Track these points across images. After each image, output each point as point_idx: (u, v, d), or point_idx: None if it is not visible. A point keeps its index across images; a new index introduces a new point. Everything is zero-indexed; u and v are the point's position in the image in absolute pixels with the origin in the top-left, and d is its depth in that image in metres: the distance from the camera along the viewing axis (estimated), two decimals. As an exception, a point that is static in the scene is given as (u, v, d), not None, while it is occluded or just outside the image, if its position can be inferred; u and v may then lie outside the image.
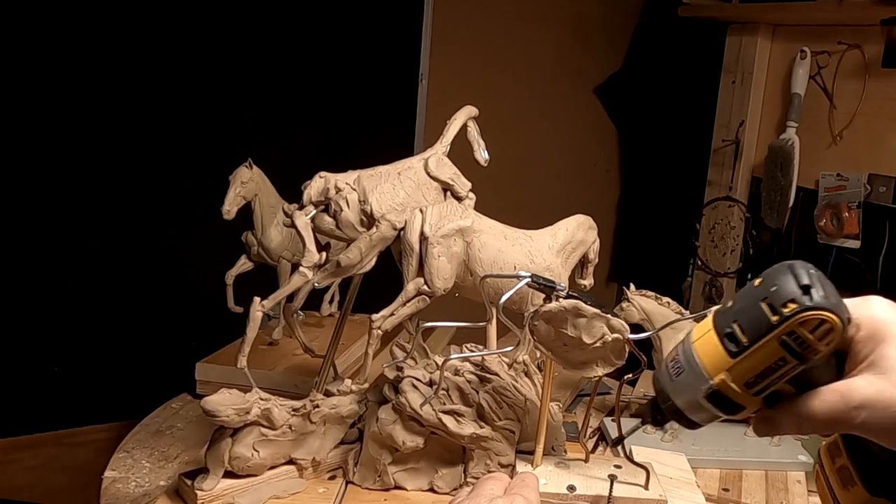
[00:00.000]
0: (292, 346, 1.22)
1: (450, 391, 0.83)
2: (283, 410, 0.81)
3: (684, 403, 0.60)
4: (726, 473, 1.00)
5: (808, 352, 0.54)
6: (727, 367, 0.57)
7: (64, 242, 1.57)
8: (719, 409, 0.58)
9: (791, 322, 0.54)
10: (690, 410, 0.60)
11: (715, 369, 0.57)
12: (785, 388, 0.57)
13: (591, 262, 0.97)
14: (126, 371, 1.64)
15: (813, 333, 0.54)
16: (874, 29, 1.61)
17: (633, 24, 2.30)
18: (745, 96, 1.89)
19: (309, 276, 0.84)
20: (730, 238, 1.96)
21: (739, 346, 0.56)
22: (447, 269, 0.84)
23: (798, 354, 0.54)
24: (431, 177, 0.90)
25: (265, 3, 1.68)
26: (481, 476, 0.82)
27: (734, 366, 0.56)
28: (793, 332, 0.54)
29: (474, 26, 2.01)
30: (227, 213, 1.10)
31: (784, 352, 0.54)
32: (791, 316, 0.53)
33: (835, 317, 0.53)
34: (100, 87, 1.55)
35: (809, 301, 0.53)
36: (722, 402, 0.58)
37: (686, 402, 0.60)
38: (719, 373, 0.57)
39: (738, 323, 0.57)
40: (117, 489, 0.89)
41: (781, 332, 0.54)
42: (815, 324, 0.53)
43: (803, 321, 0.53)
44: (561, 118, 2.23)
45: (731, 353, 0.57)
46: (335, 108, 1.79)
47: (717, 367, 0.57)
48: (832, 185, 1.69)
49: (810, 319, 0.53)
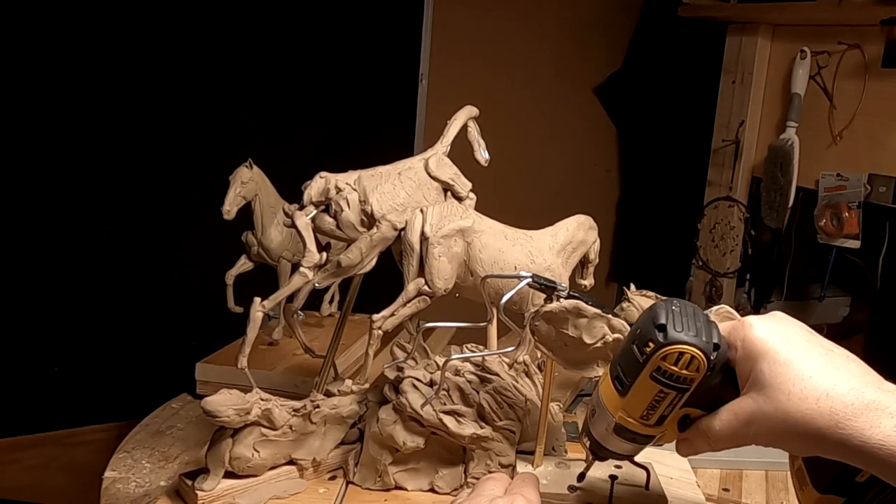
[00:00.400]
0: (292, 346, 1.22)
1: (450, 391, 0.83)
2: (283, 411, 0.81)
3: (602, 439, 0.67)
4: (726, 473, 1.00)
5: (680, 381, 0.60)
6: (621, 406, 0.63)
7: (64, 242, 1.57)
8: (630, 441, 0.65)
9: (654, 359, 0.60)
10: (609, 444, 0.67)
11: (613, 408, 0.64)
12: (693, 411, 0.63)
13: (591, 262, 0.97)
14: (126, 371, 1.64)
15: (676, 365, 0.59)
16: (874, 29, 1.61)
17: (632, 24, 2.30)
18: (745, 96, 1.89)
19: (309, 276, 0.84)
20: (730, 238, 1.96)
21: (624, 386, 0.63)
22: (448, 269, 0.84)
23: (672, 386, 0.60)
24: (432, 177, 0.90)
25: (265, 3, 1.68)
26: (482, 476, 0.82)
27: (625, 404, 0.63)
28: (659, 368, 0.60)
29: (474, 26, 2.01)
30: (227, 213, 1.10)
31: (659, 385, 0.61)
32: (651, 354, 0.60)
33: (690, 347, 0.59)
34: (99, 88, 1.55)
35: (664, 338, 0.59)
36: (628, 435, 0.65)
37: (602, 437, 0.67)
38: (617, 410, 0.64)
39: (619, 365, 0.64)
40: (118, 489, 0.89)
41: (650, 370, 0.60)
42: (675, 357, 0.59)
43: (664, 356, 0.60)
44: (561, 118, 2.23)
45: (620, 393, 0.63)
46: (335, 108, 1.79)
47: (614, 406, 0.64)
48: (832, 185, 1.69)
49: (669, 354, 0.59)
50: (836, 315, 1.98)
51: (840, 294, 1.99)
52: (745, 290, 1.97)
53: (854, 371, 0.57)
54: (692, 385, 0.60)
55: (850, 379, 0.56)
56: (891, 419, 0.53)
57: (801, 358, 0.57)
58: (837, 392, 0.55)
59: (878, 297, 1.87)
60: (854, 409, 0.54)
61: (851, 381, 0.55)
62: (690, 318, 0.60)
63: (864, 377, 0.56)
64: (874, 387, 0.55)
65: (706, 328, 0.60)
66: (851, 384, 0.55)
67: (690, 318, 0.60)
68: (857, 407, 0.54)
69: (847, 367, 0.57)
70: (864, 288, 1.90)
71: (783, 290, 1.94)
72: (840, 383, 0.55)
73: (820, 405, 0.55)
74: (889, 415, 0.53)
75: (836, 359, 0.58)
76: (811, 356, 0.57)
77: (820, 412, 0.55)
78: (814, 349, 0.58)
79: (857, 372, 0.57)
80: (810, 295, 1.95)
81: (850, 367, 0.57)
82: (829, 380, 0.56)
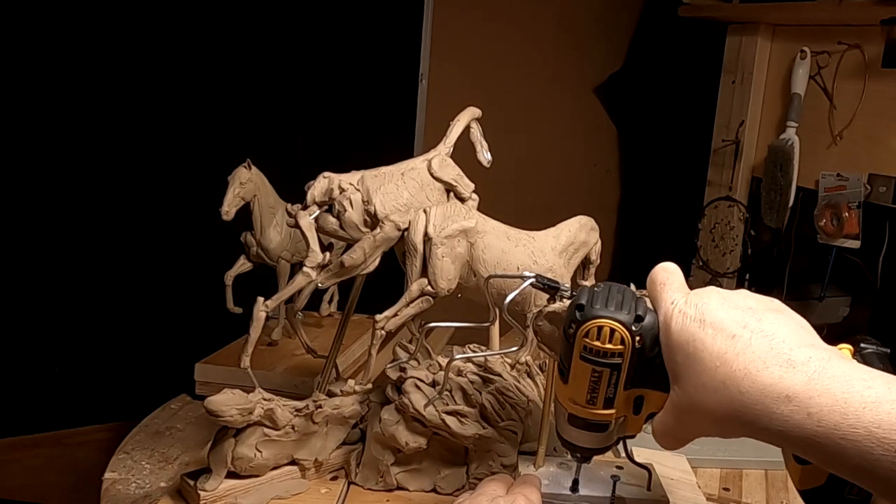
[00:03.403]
0: (292, 346, 1.22)
1: (453, 392, 0.84)
2: (286, 411, 0.81)
3: (566, 435, 0.67)
4: (726, 473, 1.00)
5: (608, 357, 0.60)
6: (568, 394, 0.64)
7: (64, 242, 1.57)
8: (584, 430, 0.65)
9: (578, 339, 0.60)
10: (574, 439, 0.67)
11: (563, 397, 0.65)
12: (646, 392, 0.62)
13: (592, 263, 0.97)
14: (125, 371, 1.64)
15: (599, 340, 0.60)
16: (874, 29, 1.61)
17: (633, 24, 2.30)
18: (745, 96, 1.89)
19: (313, 276, 0.83)
20: (730, 238, 1.96)
21: (564, 374, 0.63)
22: (451, 269, 0.84)
23: (602, 363, 0.60)
24: (435, 177, 0.90)
25: (265, 4, 1.68)
26: (484, 477, 0.82)
27: (570, 391, 0.63)
28: (585, 346, 0.60)
29: (474, 26, 2.01)
30: (226, 213, 1.10)
31: (590, 365, 0.61)
32: (574, 334, 0.60)
33: (608, 320, 0.59)
34: (99, 88, 1.55)
35: (581, 316, 0.60)
36: (583, 423, 0.65)
37: (565, 433, 0.67)
38: (566, 399, 0.64)
39: (560, 356, 0.64)
40: (118, 490, 0.89)
41: (578, 350, 0.61)
42: (595, 332, 0.59)
43: (586, 333, 0.60)
44: (561, 118, 2.23)
45: (563, 381, 0.64)
46: (335, 108, 1.79)
47: (563, 396, 0.65)
48: (832, 185, 1.69)
49: (590, 330, 0.60)
50: (836, 315, 1.98)
51: (840, 294, 1.98)
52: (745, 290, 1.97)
53: (759, 348, 0.53)
54: (623, 359, 0.60)
55: (748, 362, 0.53)
56: (787, 404, 0.51)
57: (707, 344, 0.55)
58: (733, 380, 0.53)
59: (878, 297, 1.87)
60: (749, 396, 0.52)
61: (749, 364, 0.53)
62: (612, 296, 0.60)
63: (767, 355, 0.53)
64: (777, 364, 0.52)
65: (629, 302, 0.60)
66: (749, 367, 0.53)
67: (612, 296, 0.60)
68: (752, 394, 0.52)
69: (750, 347, 0.53)
70: (864, 288, 1.90)
71: (783, 290, 1.94)
72: (738, 369, 0.53)
73: (720, 395, 0.54)
74: (785, 398, 0.51)
75: (743, 336, 0.54)
76: (717, 340, 0.55)
77: (722, 402, 0.54)
78: (724, 330, 0.55)
79: (762, 349, 0.53)
80: (810, 295, 1.95)
81: (754, 344, 0.54)
82: (728, 367, 0.53)
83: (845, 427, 0.49)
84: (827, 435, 0.49)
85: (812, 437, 0.50)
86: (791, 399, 0.51)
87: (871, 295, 1.88)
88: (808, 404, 0.50)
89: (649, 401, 0.62)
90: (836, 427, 0.49)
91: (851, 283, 1.93)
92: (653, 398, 0.62)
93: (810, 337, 0.55)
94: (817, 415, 0.50)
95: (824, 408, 0.50)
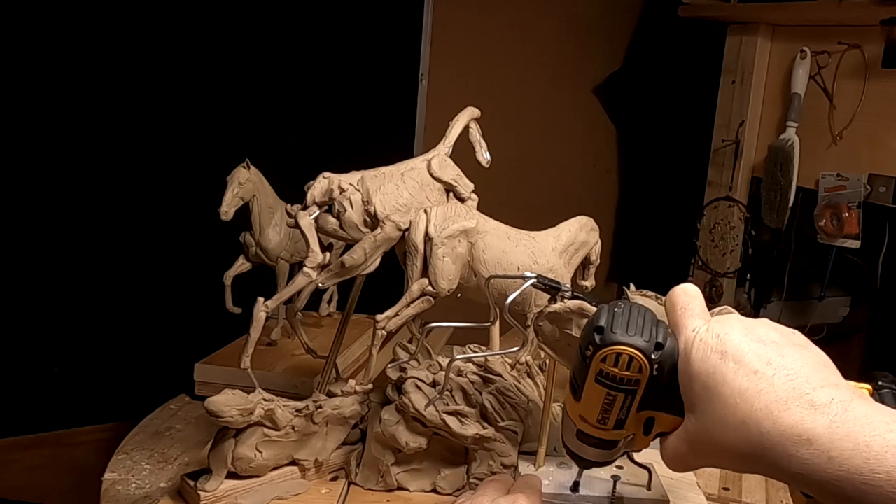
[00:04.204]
0: (291, 346, 1.22)
1: (453, 392, 0.84)
2: (286, 411, 0.81)
3: (573, 447, 0.66)
4: (726, 473, 1.00)
5: (624, 383, 0.59)
6: (579, 412, 0.62)
7: (64, 242, 1.57)
8: (593, 447, 0.64)
9: (594, 362, 0.59)
10: (578, 450, 0.66)
11: (573, 414, 0.63)
12: (658, 414, 0.61)
13: (592, 263, 0.97)
14: (125, 371, 1.64)
15: (616, 367, 0.58)
16: (874, 29, 1.61)
17: (632, 24, 2.30)
18: (745, 96, 1.89)
19: (313, 276, 0.83)
20: (730, 238, 1.96)
21: (577, 392, 0.62)
22: (451, 269, 0.84)
23: (617, 388, 0.59)
24: (434, 178, 0.89)
25: (265, 4, 1.68)
26: (484, 477, 0.82)
27: (581, 409, 0.62)
28: (601, 370, 0.59)
29: (474, 26, 2.01)
30: (225, 213, 1.10)
31: (605, 388, 0.59)
32: (591, 357, 0.59)
33: (628, 348, 0.57)
34: (99, 88, 1.55)
35: (600, 340, 0.58)
36: (591, 441, 0.64)
37: (572, 445, 0.66)
38: (576, 416, 0.63)
39: (573, 371, 0.63)
40: (117, 491, 0.89)
41: (593, 373, 0.59)
42: (614, 358, 0.58)
43: (603, 358, 0.58)
44: (561, 118, 2.23)
45: (575, 398, 0.62)
46: (335, 108, 1.79)
47: (574, 412, 0.63)
48: (832, 185, 1.69)
49: (608, 355, 0.58)
50: (836, 315, 1.98)
51: (840, 294, 1.99)
52: (746, 290, 1.98)
53: (781, 387, 0.52)
54: (639, 386, 0.59)
55: (770, 402, 0.52)
56: (807, 448, 0.50)
57: (728, 379, 0.54)
58: (754, 419, 0.52)
59: (878, 297, 1.88)
60: (770, 437, 0.51)
61: (771, 404, 0.52)
62: (633, 319, 0.58)
63: (789, 395, 0.52)
64: (799, 406, 0.51)
65: (650, 328, 0.58)
66: (771, 407, 0.52)
67: (633, 319, 0.58)
68: (772, 436, 0.51)
69: (773, 386, 0.52)
70: (864, 288, 1.91)
71: (783, 290, 1.94)
72: (759, 408, 0.52)
73: (739, 433, 0.53)
74: (806, 441, 0.50)
75: (767, 374, 0.53)
76: (738, 376, 0.54)
77: (741, 440, 0.53)
78: (744, 366, 0.54)
79: (783, 389, 0.52)
80: (810, 295, 1.96)
81: (777, 383, 0.53)
82: (748, 405, 0.52)
83: (867, 472, 0.48)
84: (848, 479, 0.48)
85: (833, 482, 0.49)
86: (812, 442, 0.50)
87: (871, 295, 1.89)
88: (830, 448, 0.49)
89: (660, 422, 0.62)
90: (858, 471, 0.48)
91: (851, 283, 1.94)
92: (664, 420, 0.61)
93: (832, 375, 0.54)
94: (838, 459, 0.49)
95: (846, 451, 0.49)
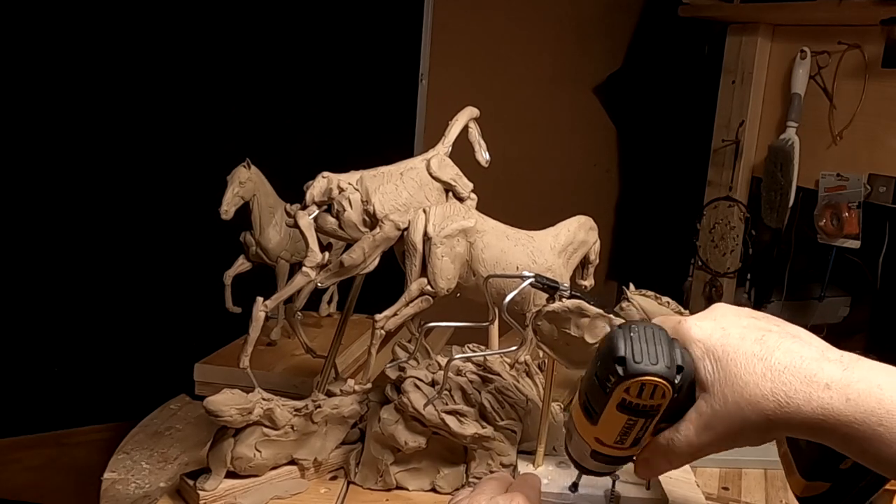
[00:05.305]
0: (291, 346, 1.22)
1: (452, 391, 0.84)
2: (285, 410, 0.81)
3: (581, 460, 0.66)
4: (726, 472, 1.00)
5: (647, 409, 0.58)
6: (594, 434, 0.62)
7: (64, 242, 1.57)
8: (608, 465, 0.65)
9: (617, 392, 0.58)
10: (590, 465, 0.66)
11: (587, 435, 0.63)
12: (669, 426, 0.61)
13: (591, 262, 0.97)
14: (125, 371, 1.64)
15: (641, 397, 0.58)
16: (874, 29, 1.61)
17: (632, 24, 2.30)
18: (745, 96, 1.89)
19: (312, 276, 0.83)
20: (730, 238, 1.96)
21: (593, 416, 0.61)
22: (450, 269, 0.84)
23: (640, 413, 0.59)
24: (433, 177, 0.90)
25: (265, 4, 1.68)
26: (483, 476, 0.82)
27: (597, 432, 0.61)
28: (624, 399, 0.58)
29: (474, 26, 2.01)
30: (225, 213, 1.10)
31: (627, 415, 0.59)
32: (614, 388, 0.58)
33: (652, 377, 0.57)
34: (99, 88, 1.55)
35: (624, 372, 0.57)
36: (606, 459, 0.64)
37: (581, 458, 0.66)
38: (591, 438, 0.62)
39: (587, 395, 0.62)
40: (117, 490, 0.89)
41: (615, 402, 0.59)
42: (638, 389, 0.57)
43: (626, 389, 0.57)
44: (561, 118, 2.23)
45: (591, 422, 0.61)
46: (335, 108, 1.79)
47: (588, 434, 0.63)
48: (832, 185, 1.69)
49: (631, 387, 0.57)
50: (836, 315, 1.98)
51: (840, 294, 1.99)
52: (746, 290, 1.97)
53: (790, 349, 0.56)
54: (660, 410, 0.59)
55: (784, 357, 0.56)
56: (826, 391, 0.53)
57: (736, 346, 0.57)
58: (774, 371, 0.55)
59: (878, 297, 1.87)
60: (791, 386, 0.54)
61: (786, 359, 0.56)
62: (650, 344, 0.58)
63: (801, 352, 0.56)
64: (811, 359, 0.55)
65: (667, 352, 0.58)
66: (786, 362, 0.55)
67: (650, 344, 0.58)
68: (793, 385, 0.54)
69: (782, 346, 0.57)
70: (864, 288, 1.90)
71: (783, 290, 1.94)
72: (776, 363, 0.56)
73: (761, 389, 0.55)
74: (824, 386, 0.54)
75: (771, 338, 0.57)
76: (746, 342, 0.57)
77: (763, 394, 0.55)
78: (749, 334, 0.58)
79: (795, 350, 0.56)
80: (810, 295, 1.95)
81: (785, 345, 0.57)
82: (764, 363, 0.56)
83: (882, 412, 0.52)
84: (864, 420, 0.52)
85: (850, 424, 0.52)
86: (830, 386, 0.54)
87: (871, 295, 1.88)
88: (847, 391, 0.53)
89: None
90: (874, 412, 0.52)
91: (851, 283, 1.93)
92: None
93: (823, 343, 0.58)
94: (855, 400, 0.52)
95: (862, 393, 0.53)
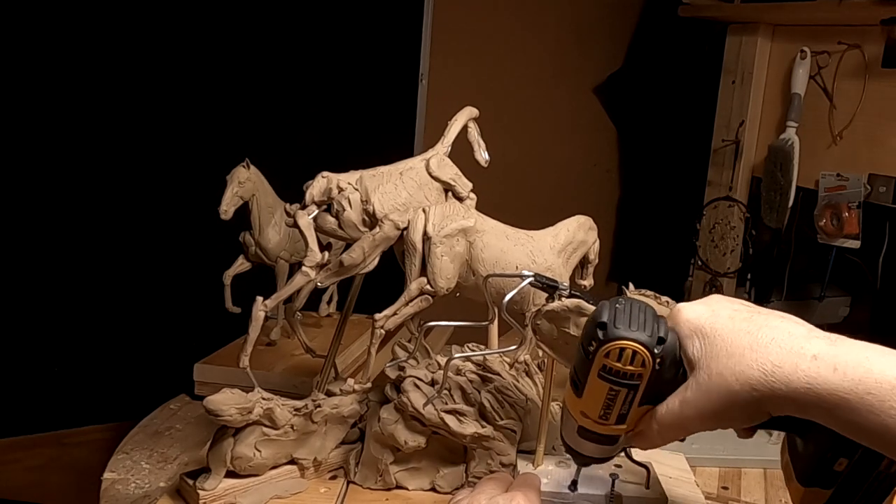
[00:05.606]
0: (290, 346, 1.22)
1: (451, 391, 0.84)
2: (285, 410, 0.81)
3: (572, 443, 0.67)
4: (725, 472, 1.00)
5: (628, 378, 0.59)
6: (580, 408, 0.63)
7: (64, 242, 1.57)
8: (594, 442, 0.65)
9: (598, 357, 0.59)
10: (577, 447, 0.66)
11: (574, 410, 0.64)
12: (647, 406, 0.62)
13: (591, 262, 0.97)
14: (125, 371, 1.64)
15: (620, 361, 0.58)
16: (874, 29, 1.60)
17: (632, 24, 2.30)
18: (745, 96, 1.89)
19: (312, 275, 0.84)
20: (730, 238, 1.96)
21: (578, 388, 0.62)
22: (450, 268, 0.84)
23: (621, 383, 0.59)
24: (433, 177, 0.90)
25: (265, 4, 1.68)
26: (483, 475, 0.82)
27: (582, 405, 0.62)
28: (604, 365, 0.59)
29: (474, 26, 2.01)
30: (225, 213, 1.10)
31: (608, 384, 0.60)
32: (595, 352, 0.59)
33: (631, 342, 0.58)
34: (99, 87, 1.55)
35: (604, 335, 0.58)
36: (592, 436, 0.64)
37: (572, 441, 0.67)
38: (577, 412, 0.63)
39: (574, 367, 0.63)
40: (117, 490, 0.89)
41: (596, 368, 0.60)
42: (617, 353, 0.58)
43: (606, 353, 0.59)
44: (561, 118, 2.23)
45: (576, 394, 0.63)
46: (335, 108, 1.79)
47: (575, 408, 0.64)
48: (832, 185, 1.69)
49: (612, 350, 0.58)
50: (836, 315, 1.98)
51: (840, 294, 1.98)
52: (746, 290, 1.97)
53: (778, 326, 0.58)
54: (642, 381, 0.60)
55: (771, 332, 0.57)
56: (814, 361, 0.54)
57: (725, 324, 0.59)
58: (760, 344, 0.56)
59: (878, 297, 1.87)
60: (778, 357, 0.55)
61: (773, 333, 0.57)
62: (635, 315, 0.59)
63: (789, 328, 0.57)
64: (799, 336, 0.57)
65: (651, 323, 0.59)
66: (773, 335, 0.57)
67: (635, 315, 0.59)
68: (780, 355, 0.55)
69: (769, 323, 0.58)
70: (864, 288, 1.90)
71: (783, 290, 1.94)
72: (762, 336, 0.57)
73: (746, 360, 0.56)
74: (812, 357, 0.54)
75: (759, 318, 0.59)
76: (735, 321, 0.59)
77: (748, 364, 0.56)
78: (738, 315, 0.59)
79: (782, 326, 0.58)
80: (810, 295, 1.95)
81: (773, 322, 0.58)
82: (751, 336, 0.57)
83: (870, 381, 0.52)
84: (852, 389, 0.52)
85: (837, 392, 0.53)
86: (817, 357, 0.54)
87: (871, 295, 1.88)
88: (835, 361, 0.54)
89: None
90: (861, 381, 0.52)
91: (851, 283, 1.93)
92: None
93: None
94: (843, 368, 0.53)
95: (850, 362, 0.53)
